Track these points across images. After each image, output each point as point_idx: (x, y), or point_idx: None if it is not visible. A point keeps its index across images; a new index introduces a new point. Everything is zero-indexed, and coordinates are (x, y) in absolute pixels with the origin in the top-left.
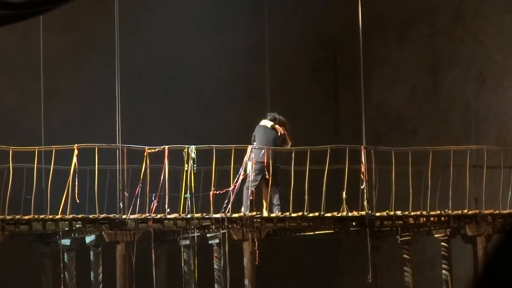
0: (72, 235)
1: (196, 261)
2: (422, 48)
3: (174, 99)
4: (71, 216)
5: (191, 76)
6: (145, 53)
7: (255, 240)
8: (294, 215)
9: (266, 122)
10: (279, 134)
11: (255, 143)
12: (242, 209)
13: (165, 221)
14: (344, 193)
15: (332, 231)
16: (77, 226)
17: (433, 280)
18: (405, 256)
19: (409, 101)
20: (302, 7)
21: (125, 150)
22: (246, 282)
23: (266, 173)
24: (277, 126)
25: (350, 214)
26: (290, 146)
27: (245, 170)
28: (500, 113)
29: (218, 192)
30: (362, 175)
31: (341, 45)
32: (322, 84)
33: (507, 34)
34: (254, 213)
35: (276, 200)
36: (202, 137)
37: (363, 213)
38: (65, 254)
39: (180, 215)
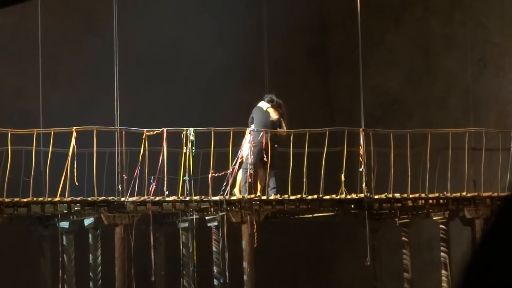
0: (71, 217)
1: (194, 244)
2: (420, 31)
3: (173, 82)
4: (69, 198)
5: (190, 60)
6: (144, 37)
7: (254, 222)
8: (292, 197)
9: (264, 104)
10: (276, 116)
11: (252, 125)
12: (235, 190)
13: (163, 203)
14: (342, 175)
15: (331, 213)
16: (75, 208)
17: (431, 262)
18: (403, 238)
19: (406, 84)
20: None
21: (123, 132)
22: (245, 264)
23: (265, 155)
24: (272, 109)
25: (348, 196)
26: (285, 129)
27: (245, 153)
28: (501, 96)
29: (216, 175)
30: (360, 158)
31: (337, 28)
32: (318, 67)
33: (508, 17)
34: (252, 195)
35: (272, 183)
36: (201, 120)
37: (362, 195)
38: (63, 236)
39: (178, 197)
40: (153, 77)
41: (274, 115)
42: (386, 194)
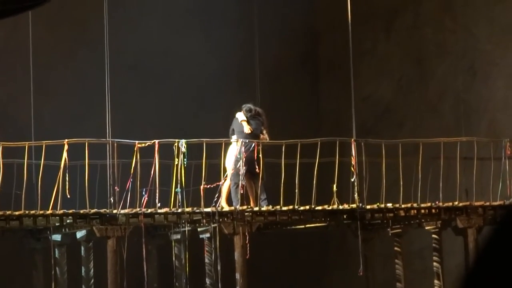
0: (63, 230)
1: (187, 255)
2: (411, 40)
3: (165, 92)
4: (61, 211)
5: (181, 69)
6: (135, 47)
7: (246, 234)
8: (285, 208)
9: (240, 115)
10: (249, 131)
11: (234, 136)
12: (221, 202)
13: (156, 215)
14: (334, 186)
15: (323, 224)
16: (68, 221)
17: (423, 272)
18: (396, 248)
19: (397, 93)
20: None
21: (115, 144)
22: (237, 276)
23: (257, 166)
24: (245, 122)
25: (341, 207)
26: (268, 138)
27: (235, 164)
28: (490, 105)
29: (208, 186)
30: (352, 168)
31: (328, 37)
32: (310, 76)
33: (497, 25)
34: (244, 206)
35: (263, 194)
36: (192, 130)
37: (354, 206)
38: (56, 249)
39: (171, 209)
40: (145, 87)
41: (246, 127)
42: (378, 204)
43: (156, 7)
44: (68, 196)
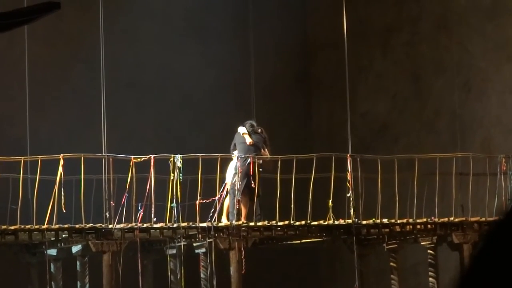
0: (59, 245)
1: (182, 270)
2: (407, 56)
3: (160, 108)
4: (57, 226)
5: (177, 86)
6: (131, 62)
7: (242, 249)
8: (280, 223)
9: (241, 129)
10: (250, 140)
11: (235, 151)
12: (223, 218)
13: (151, 230)
14: (330, 201)
15: (319, 239)
16: (63, 236)
17: (417, 287)
18: (391, 264)
19: (393, 109)
20: (286, 16)
21: (111, 159)
22: None
23: (252, 181)
24: (247, 134)
25: (336, 222)
26: (268, 155)
27: (232, 179)
28: (485, 121)
29: (204, 201)
30: (348, 183)
31: (324, 54)
32: (304, 92)
33: (490, 42)
34: (240, 222)
35: (259, 210)
36: (188, 145)
37: (350, 221)
38: (51, 264)
39: (166, 224)
40: (141, 103)
41: (248, 138)
42: (374, 219)
43: (153, 23)
44: (64, 211)
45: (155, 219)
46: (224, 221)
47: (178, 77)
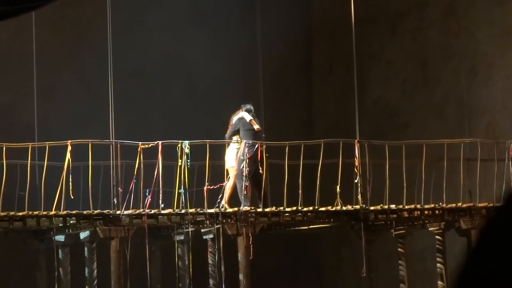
0: (66, 231)
1: (190, 256)
2: (415, 43)
3: (169, 95)
4: (65, 212)
5: (185, 73)
6: (139, 50)
7: (249, 235)
8: (288, 209)
9: (246, 115)
10: (258, 126)
11: (235, 137)
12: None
13: (159, 216)
14: (338, 187)
15: (327, 225)
16: (71, 222)
17: (424, 273)
18: (399, 249)
19: (402, 95)
20: (293, 2)
21: (118, 145)
22: (241, 277)
23: (260, 168)
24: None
25: (344, 208)
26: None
27: (238, 165)
28: (490, 106)
29: (212, 187)
30: (356, 169)
31: (332, 40)
32: (311, 80)
33: (496, 27)
34: (248, 207)
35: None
36: (196, 132)
37: (357, 207)
38: (59, 250)
39: (174, 210)
40: (149, 90)
41: (256, 125)
42: (381, 205)
43: (160, 11)
44: (72, 197)
45: (163, 205)
46: (226, 207)
47: (186, 64)
